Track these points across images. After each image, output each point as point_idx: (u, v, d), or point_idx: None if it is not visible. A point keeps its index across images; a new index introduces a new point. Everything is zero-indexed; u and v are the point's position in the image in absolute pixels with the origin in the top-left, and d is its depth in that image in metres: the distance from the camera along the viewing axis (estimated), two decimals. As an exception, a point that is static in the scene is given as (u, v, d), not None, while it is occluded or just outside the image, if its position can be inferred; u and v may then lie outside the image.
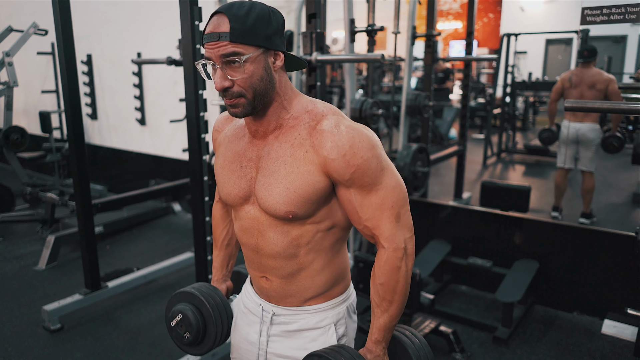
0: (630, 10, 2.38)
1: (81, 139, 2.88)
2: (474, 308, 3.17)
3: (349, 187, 1.04)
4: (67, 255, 4.02)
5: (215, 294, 1.25)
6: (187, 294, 1.24)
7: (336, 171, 1.02)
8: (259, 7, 0.99)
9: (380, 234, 1.06)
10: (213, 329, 1.22)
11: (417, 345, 1.12)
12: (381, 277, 1.07)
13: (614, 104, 1.90)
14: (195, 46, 2.12)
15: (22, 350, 2.71)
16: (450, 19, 11.95)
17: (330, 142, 1.01)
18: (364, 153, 1.01)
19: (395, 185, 1.06)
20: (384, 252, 1.07)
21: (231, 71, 0.98)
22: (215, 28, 0.97)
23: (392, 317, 1.09)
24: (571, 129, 4.23)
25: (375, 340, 1.10)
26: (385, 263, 1.07)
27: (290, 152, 1.05)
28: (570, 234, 3.06)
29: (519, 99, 8.10)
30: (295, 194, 1.03)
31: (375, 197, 1.04)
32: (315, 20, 2.56)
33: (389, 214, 1.05)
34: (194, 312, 1.21)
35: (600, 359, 2.61)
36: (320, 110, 1.07)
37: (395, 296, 1.08)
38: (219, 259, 1.40)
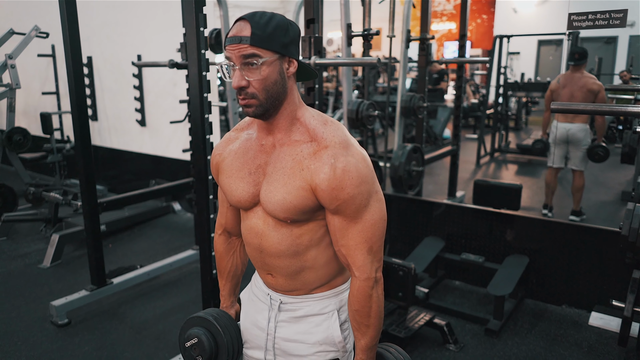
0: (614, 16, 2.50)
1: (87, 140, 2.98)
2: (467, 302, 3.28)
3: (334, 214, 1.14)
4: (70, 253, 4.12)
5: (229, 323, 1.33)
6: (204, 320, 1.32)
7: (323, 199, 1.12)
8: (279, 18, 1.10)
9: (352, 263, 1.16)
10: (225, 356, 1.30)
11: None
12: (355, 304, 1.19)
13: (597, 106, 2.02)
14: (200, 51, 2.22)
15: (32, 344, 2.81)
16: (444, 20, 12.08)
17: (323, 174, 1.10)
18: (351, 190, 1.10)
19: (375, 222, 1.15)
20: (356, 280, 1.17)
21: (248, 72, 1.08)
22: (238, 32, 1.07)
23: (371, 338, 1.21)
24: (561, 129, 4.36)
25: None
26: (357, 292, 1.17)
27: (291, 165, 1.14)
28: (559, 230, 3.19)
29: (511, 100, 8.23)
30: (291, 204, 1.13)
31: (354, 228, 1.14)
32: (313, 25, 2.66)
33: (362, 246, 1.15)
34: (208, 337, 1.30)
35: (587, 349, 2.73)
36: (321, 134, 1.14)
37: (370, 320, 1.19)
38: (227, 289, 1.48)
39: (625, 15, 2.44)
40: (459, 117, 4.52)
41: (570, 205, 4.51)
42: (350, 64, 2.77)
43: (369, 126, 3.22)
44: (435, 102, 8.16)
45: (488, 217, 3.42)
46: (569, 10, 2.57)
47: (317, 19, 2.66)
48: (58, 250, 3.92)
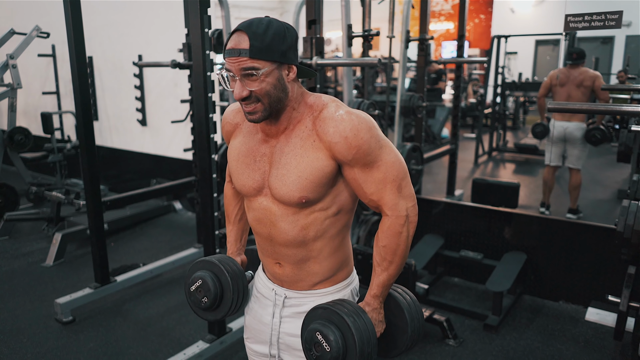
0: (609, 17, 2.55)
1: (91, 139, 3.02)
2: (465, 298, 3.34)
3: (353, 166, 1.17)
4: (73, 252, 4.16)
5: (233, 264, 1.35)
6: (207, 262, 1.34)
7: (340, 153, 1.15)
8: (276, 25, 1.12)
9: (384, 204, 1.19)
10: (229, 296, 1.31)
11: (408, 301, 1.27)
12: (384, 240, 1.21)
13: (593, 105, 2.07)
14: (205, 52, 2.27)
15: (37, 341, 2.85)
16: (442, 19, 12.13)
17: (332, 127, 1.14)
18: (364, 134, 1.13)
19: (394, 161, 1.18)
20: (387, 219, 1.20)
21: (249, 82, 1.12)
22: (236, 45, 1.10)
23: (390, 275, 1.23)
24: (559, 128, 4.41)
25: (373, 295, 1.24)
26: (388, 228, 1.20)
27: (300, 144, 1.18)
28: (556, 227, 3.24)
29: (509, 99, 8.29)
30: (307, 180, 1.16)
31: (377, 172, 1.17)
32: (315, 26, 2.71)
33: (391, 187, 1.18)
34: (212, 278, 1.31)
35: (583, 343, 2.79)
36: (321, 101, 1.20)
37: (395, 257, 1.22)
38: (233, 234, 1.50)
39: (621, 17, 2.49)
40: (457, 117, 4.56)
41: (567, 203, 4.57)
42: (352, 64, 2.82)
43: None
44: (434, 102, 8.21)
45: (486, 214, 3.47)
46: (566, 11, 2.61)
47: (318, 19, 2.71)
48: (61, 249, 3.96)
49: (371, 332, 1.17)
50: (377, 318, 1.25)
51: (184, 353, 2.50)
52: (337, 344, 1.14)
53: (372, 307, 1.24)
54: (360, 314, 1.18)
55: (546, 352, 2.71)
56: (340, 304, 1.19)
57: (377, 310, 1.25)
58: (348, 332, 1.14)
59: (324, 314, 1.18)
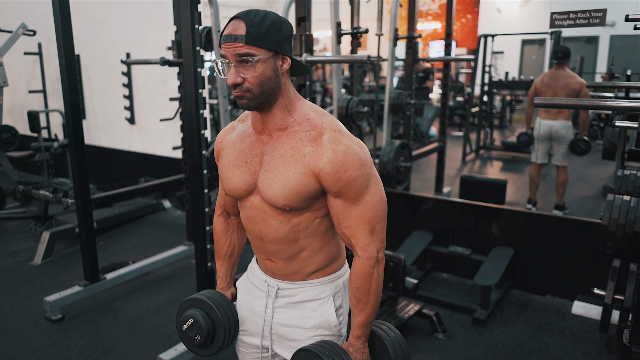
0: (594, 15, 2.60)
1: (81, 137, 3.00)
2: (454, 293, 3.37)
3: (336, 197, 1.19)
4: (61, 250, 4.13)
5: (223, 300, 1.36)
6: (197, 300, 1.35)
7: (327, 182, 1.17)
8: (273, 16, 1.14)
9: (356, 243, 1.22)
10: (222, 332, 1.33)
11: (392, 337, 1.30)
12: (356, 282, 1.24)
13: (577, 100, 2.11)
14: (195, 48, 2.27)
15: (26, 339, 2.83)
16: (429, 19, 12.21)
17: (326, 157, 1.15)
18: (353, 172, 1.15)
19: (376, 203, 1.20)
20: (358, 260, 1.23)
21: (243, 69, 1.12)
22: (233, 31, 1.11)
23: (368, 315, 1.26)
24: (545, 126, 4.48)
25: (356, 336, 1.27)
26: (359, 270, 1.23)
27: (291, 152, 1.19)
28: (542, 222, 3.29)
29: (496, 98, 8.38)
30: (292, 190, 1.18)
31: (356, 209, 1.19)
32: (304, 23, 2.73)
33: (365, 227, 1.20)
34: (204, 316, 1.32)
35: (570, 335, 2.84)
36: (320, 123, 1.19)
37: (369, 297, 1.24)
38: (223, 269, 1.51)
39: (605, 15, 2.54)
40: (445, 114, 4.61)
41: (553, 200, 4.64)
42: (341, 61, 2.84)
43: (358, 122, 3.29)
44: (422, 101, 8.27)
45: (474, 210, 3.51)
46: (552, 10, 2.67)
47: (308, 17, 2.73)
48: (49, 248, 3.93)
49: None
50: (361, 358, 1.27)
51: (175, 349, 2.50)
52: None
53: (355, 348, 1.26)
54: (342, 355, 1.20)
55: (533, 345, 2.75)
56: (322, 346, 1.21)
57: (360, 350, 1.27)
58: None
59: (307, 356, 1.21)
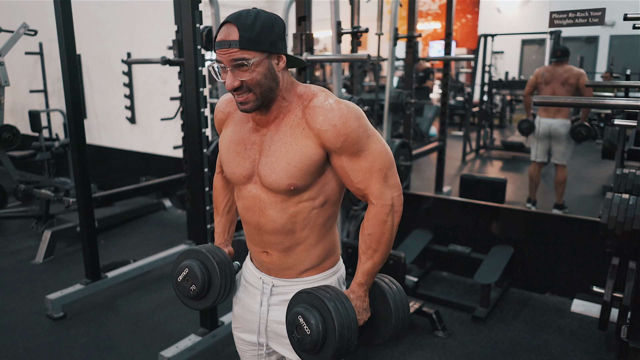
0: (592, 14, 2.61)
1: (82, 136, 3.02)
2: (454, 292, 3.39)
3: (341, 154, 1.19)
4: (63, 249, 4.14)
5: (220, 252, 1.37)
6: (193, 251, 1.35)
7: (329, 140, 1.17)
8: (264, 16, 1.15)
9: (370, 193, 1.22)
10: (217, 282, 1.32)
11: (394, 290, 1.29)
12: (369, 228, 1.24)
13: (577, 99, 2.12)
14: (196, 47, 2.29)
15: (28, 337, 2.84)
16: (429, 19, 12.23)
17: (321, 115, 1.16)
18: (352, 123, 1.16)
19: (381, 150, 1.21)
20: (373, 207, 1.23)
21: (240, 73, 1.14)
22: (226, 37, 1.12)
23: (375, 264, 1.25)
24: (544, 125, 4.49)
25: (358, 283, 1.26)
26: (373, 217, 1.23)
27: (290, 132, 1.20)
28: (542, 221, 3.31)
29: (496, 98, 8.39)
30: (296, 167, 1.19)
31: (364, 161, 1.20)
32: (305, 22, 2.74)
33: (377, 176, 1.21)
34: (200, 266, 1.32)
35: (569, 333, 2.85)
36: (311, 91, 1.22)
37: (380, 246, 1.24)
38: (221, 225, 1.52)
39: (604, 14, 2.55)
40: (445, 114, 4.62)
41: (553, 199, 4.65)
42: (341, 60, 2.85)
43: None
44: (422, 100, 8.28)
45: (474, 209, 3.52)
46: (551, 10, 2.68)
47: (308, 16, 2.74)
48: (50, 247, 3.94)
49: (352, 318, 1.18)
50: (361, 306, 1.26)
51: (176, 346, 2.52)
52: (317, 328, 1.15)
53: (356, 295, 1.26)
54: (343, 300, 1.19)
55: (533, 343, 2.77)
56: (324, 289, 1.21)
57: (361, 298, 1.26)
58: (329, 317, 1.15)
59: (307, 298, 1.20)
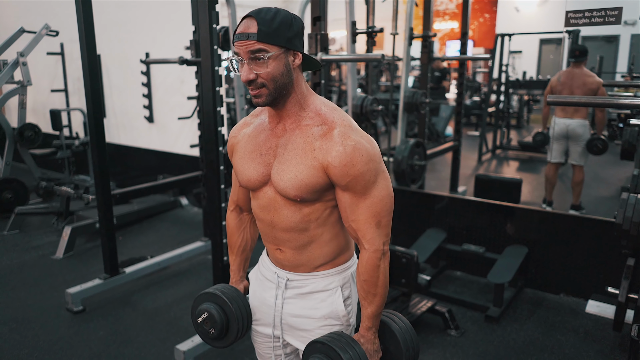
0: (609, 13, 2.60)
1: (102, 135, 3.09)
2: (467, 291, 3.39)
3: (344, 190, 1.23)
4: (82, 245, 4.24)
5: (236, 294, 1.42)
6: (211, 295, 1.41)
7: (335, 176, 1.20)
8: (283, 13, 1.18)
9: (362, 236, 1.26)
10: (235, 325, 1.38)
11: (402, 328, 1.33)
12: (364, 274, 1.28)
13: (591, 98, 2.12)
14: (213, 47, 2.33)
15: (49, 330, 2.92)
16: (446, 19, 12.15)
17: (335, 151, 1.19)
18: (361, 167, 1.19)
19: (382, 197, 1.24)
20: (365, 252, 1.27)
21: (256, 66, 1.17)
22: (246, 29, 1.16)
23: (377, 306, 1.30)
24: (561, 125, 4.45)
25: (366, 327, 1.31)
26: (367, 262, 1.27)
27: (303, 146, 1.23)
28: (557, 221, 3.29)
29: (513, 98, 8.32)
30: (302, 182, 1.22)
31: (363, 203, 1.23)
32: (320, 22, 2.77)
33: (371, 220, 1.24)
34: (218, 310, 1.38)
35: (583, 334, 2.84)
36: (331, 118, 1.23)
37: (377, 289, 1.28)
38: (236, 264, 1.56)
39: (620, 13, 2.54)
40: (460, 113, 4.62)
41: (570, 200, 4.60)
42: (355, 60, 2.88)
43: (373, 120, 3.32)
44: (438, 100, 8.25)
45: (488, 209, 3.52)
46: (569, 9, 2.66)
47: (323, 16, 2.77)
48: (70, 242, 4.04)
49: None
50: (372, 348, 1.31)
51: (192, 340, 2.57)
52: None
53: (366, 339, 1.30)
54: (354, 346, 1.24)
55: (546, 343, 2.76)
56: (337, 339, 1.25)
57: (371, 340, 1.31)
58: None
59: (322, 348, 1.25)
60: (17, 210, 4.59)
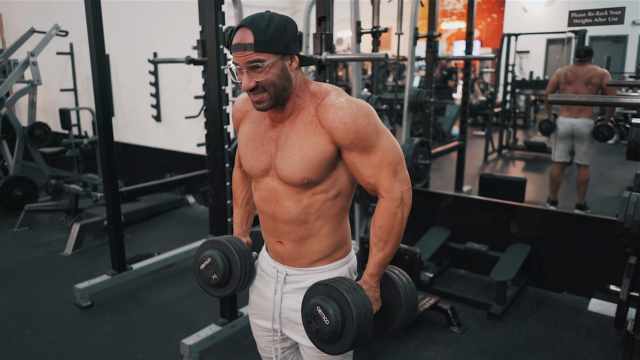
0: (612, 13, 2.61)
1: (110, 134, 3.15)
2: (471, 289, 3.41)
3: (351, 150, 1.25)
4: (90, 242, 4.30)
5: (240, 243, 1.44)
6: (215, 242, 1.42)
7: (339, 137, 1.23)
8: (277, 19, 1.21)
9: (380, 187, 1.28)
10: (237, 272, 1.39)
11: (404, 282, 1.34)
12: (380, 220, 1.29)
13: (592, 97, 2.14)
14: (219, 47, 2.37)
15: (58, 324, 2.98)
16: (454, 19, 12.15)
17: (332, 113, 1.22)
18: (362, 120, 1.22)
19: (390, 146, 1.27)
20: (383, 201, 1.28)
21: (255, 74, 1.21)
22: (242, 40, 1.19)
23: (386, 255, 1.31)
24: (566, 124, 4.46)
25: (370, 274, 1.32)
26: (384, 210, 1.28)
27: (304, 129, 1.27)
28: (560, 219, 3.31)
29: (520, 97, 8.31)
30: (309, 162, 1.26)
31: (374, 157, 1.25)
32: (324, 22, 2.81)
33: (387, 170, 1.26)
34: (221, 256, 1.39)
35: (585, 332, 2.85)
36: (323, 90, 1.29)
37: (390, 237, 1.29)
38: (239, 216, 1.59)
39: (623, 13, 2.55)
40: (465, 113, 4.63)
41: (575, 199, 4.61)
42: (359, 59, 2.91)
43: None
44: (444, 100, 8.26)
45: (492, 207, 3.54)
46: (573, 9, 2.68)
47: (328, 16, 2.81)
48: (79, 239, 4.10)
49: (368, 308, 1.23)
50: (374, 296, 1.32)
51: (197, 335, 2.61)
52: (335, 318, 1.21)
53: (368, 285, 1.31)
54: (359, 290, 1.24)
55: (548, 340, 2.78)
56: (340, 281, 1.26)
57: (373, 288, 1.32)
58: (347, 308, 1.20)
59: (325, 289, 1.25)
60: (27, 207, 4.67)
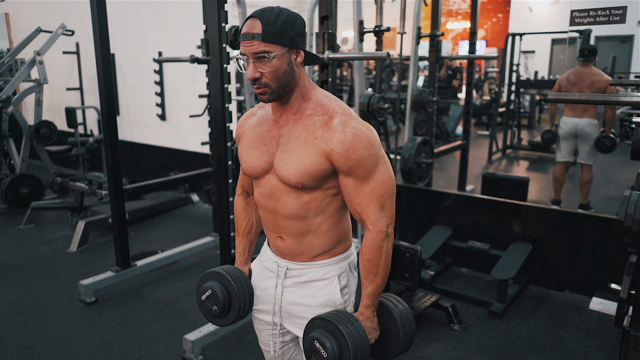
0: (614, 12, 2.62)
1: (115, 132, 3.19)
2: (472, 287, 3.42)
3: (347, 175, 1.29)
4: (95, 239, 4.34)
5: (240, 275, 1.47)
6: (216, 274, 1.47)
7: (338, 162, 1.26)
8: (286, 13, 1.25)
9: (366, 218, 1.31)
10: (236, 304, 1.44)
11: (400, 309, 1.39)
12: (367, 254, 1.33)
13: (591, 96, 2.15)
14: (222, 45, 2.40)
15: (63, 320, 3.02)
16: (459, 19, 12.14)
17: (336, 138, 1.25)
18: (362, 151, 1.25)
19: (384, 180, 1.29)
20: (369, 233, 1.32)
21: (261, 65, 1.24)
22: (250, 30, 1.22)
23: (377, 286, 1.35)
24: (569, 124, 4.45)
25: (365, 305, 1.36)
26: (370, 243, 1.32)
27: (305, 135, 1.30)
28: (561, 218, 3.31)
29: (525, 97, 8.29)
30: (305, 169, 1.28)
31: (366, 187, 1.28)
32: (327, 21, 2.83)
33: (375, 203, 1.30)
34: (221, 288, 1.43)
35: (585, 330, 2.86)
36: (332, 108, 1.30)
37: (379, 269, 1.34)
38: (241, 246, 1.62)
39: (625, 12, 2.56)
40: (468, 113, 4.64)
41: (578, 199, 4.61)
42: (361, 58, 2.92)
43: (380, 118, 3.36)
44: (448, 99, 8.26)
45: (494, 206, 3.55)
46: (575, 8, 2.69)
47: (330, 16, 2.83)
48: (84, 236, 4.14)
49: (364, 338, 1.29)
50: (371, 326, 1.37)
51: (199, 330, 2.64)
52: (332, 350, 1.27)
53: (365, 316, 1.36)
54: (353, 322, 1.30)
55: (548, 338, 2.79)
56: (336, 314, 1.31)
57: (370, 318, 1.36)
58: (342, 339, 1.26)
59: (321, 323, 1.31)
60: (33, 205, 4.72)
